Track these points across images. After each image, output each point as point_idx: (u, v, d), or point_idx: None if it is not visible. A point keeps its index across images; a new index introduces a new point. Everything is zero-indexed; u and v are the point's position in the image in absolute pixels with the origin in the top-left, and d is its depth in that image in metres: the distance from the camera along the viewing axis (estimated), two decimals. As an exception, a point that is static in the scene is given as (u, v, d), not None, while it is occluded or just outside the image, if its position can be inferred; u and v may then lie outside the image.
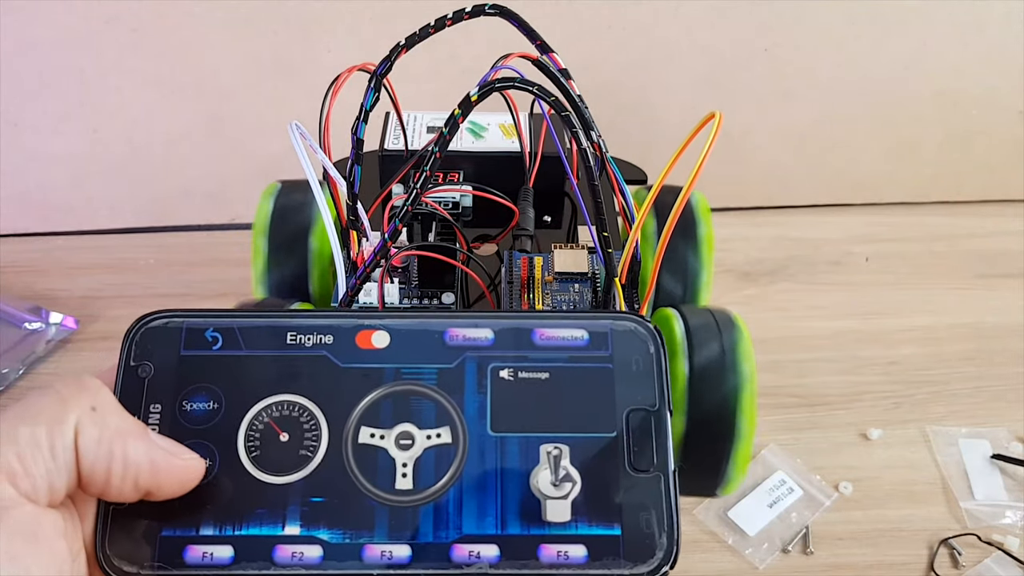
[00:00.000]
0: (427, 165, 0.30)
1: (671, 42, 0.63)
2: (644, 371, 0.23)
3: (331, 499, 0.22)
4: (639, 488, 0.22)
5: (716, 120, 0.29)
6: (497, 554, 0.22)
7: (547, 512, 0.22)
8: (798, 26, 0.63)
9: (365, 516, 0.22)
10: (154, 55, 0.61)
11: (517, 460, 0.23)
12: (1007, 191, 0.72)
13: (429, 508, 0.22)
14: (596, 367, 0.23)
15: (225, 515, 0.22)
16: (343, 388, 0.23)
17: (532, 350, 0.24)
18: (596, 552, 0.22)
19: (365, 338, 0.24)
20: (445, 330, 0.24)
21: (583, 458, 0.22)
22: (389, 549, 0.22)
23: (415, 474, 0.23)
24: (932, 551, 0.47)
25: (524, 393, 0.23)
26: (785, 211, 0.72)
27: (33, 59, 0.60)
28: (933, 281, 0.65)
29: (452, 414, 0.23)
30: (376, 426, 0.23)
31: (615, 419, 0.23)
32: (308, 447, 0.23)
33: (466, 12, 0.32)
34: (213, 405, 0.23)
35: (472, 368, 0.23)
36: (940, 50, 0.65)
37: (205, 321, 0.24)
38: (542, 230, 0.46)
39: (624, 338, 0.24)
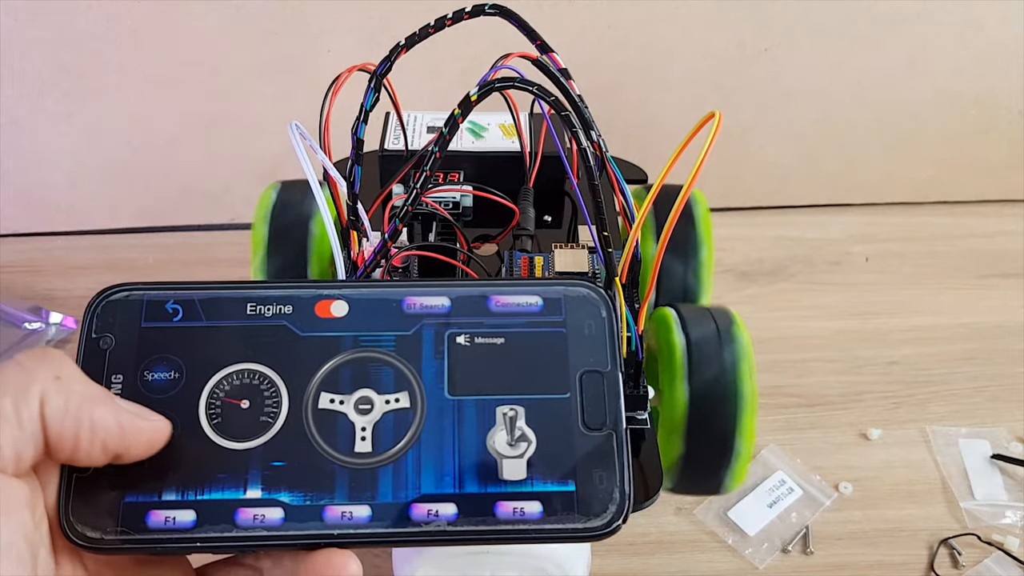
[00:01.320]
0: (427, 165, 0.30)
1: (671, 42, 0.63)
2: (596, 335, 0.24)
3: (292, 463, 0.23)
4: (592, 446, 0.23)
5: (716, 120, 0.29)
6: (455, 512, 0.23)
7: (503, 471, 0.23)
8: (798, 26, 0.63)
9: (325, 479, 0.23)
10: (154, 55, 0.61)
11: (474, 422, 0.23)
12: (1007, 191, 0.72)
13: (388, 469, 0.23)
14: (550, 331, 0.24)
15: (187, 481, 0.23)
16: (303, 356, 0.24)
17: (488, 316, 0.24)
18: (551, 508, 0.22)
19: (324, 307, 0.24)
20: (403, 298, 0.24)
21: (538, 419, 0.23)
22: (349, 510, 0.22)
23: (374, 437, 0.23)
24: (932, 551, 0.47)
25: (480, 358, 0.24)
26: (785, 211, 0.72)
27: (33, 59, 0.60)
28: (933, 281, 0.65)
29: (410, 379, 0.24)
30: (336, 392, 0.23)
31: (569, 381, 0.24)
32: (269, 414, 0.23)
33: (466, 12, 0.32)
34: (174, 375, 0.23)
35: (429, 335, 0.24)
36: (940, 50, 0.65)
37: (165, 293, 0.24)
38: (542, 230, 0.46)
39: (577, 303, 0.24)
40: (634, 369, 0.35)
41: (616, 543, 0.47)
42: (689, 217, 0.46)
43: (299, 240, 0.45)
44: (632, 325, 0.34)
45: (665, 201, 0.35)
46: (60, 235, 0.69)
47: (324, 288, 0.24)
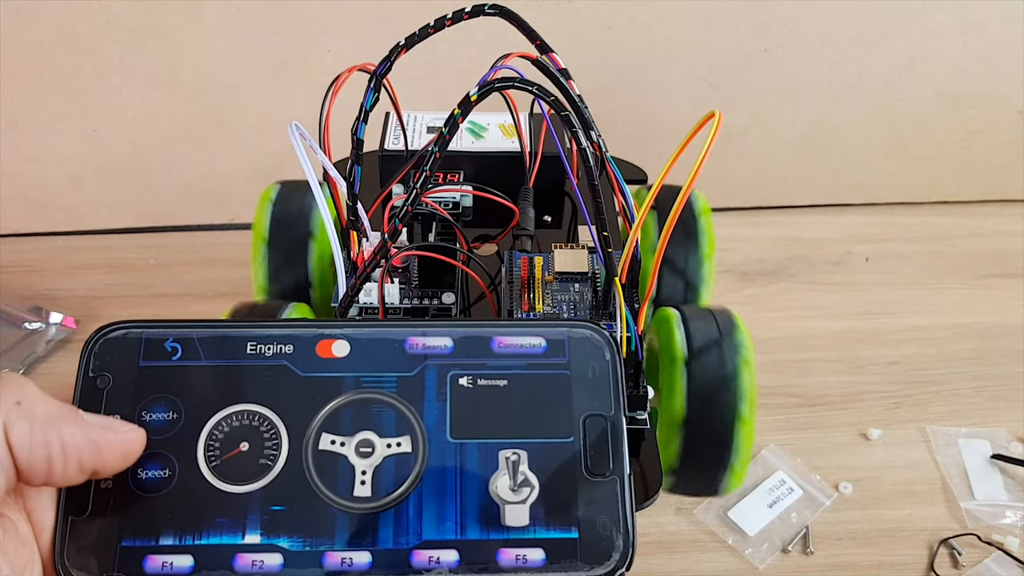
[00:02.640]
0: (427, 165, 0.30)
1: (671, 42, 0.63)
2: (600, 378, 0.24)
3: (291, 507, 0.22)
4: (596, 492, 0.23)
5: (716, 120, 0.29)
6: (457, 559, 0.22)
7: (506, 517, 0.22)
8: (798, 26, 0.63)
9: (325, 523, 0.22)
10: (154, 55, 0.61)
11: (476, 466, 0.23)
12: (1007, 191, 0.72)
13: (389, 515, 0.23)
14: (553, 374, 0.24)
15: (185, 524, 0.22)
16: (303, 397, 0.23)
17: (491, 357, 0.24)
18: (554, 555, 0.22)
19: (325, 347, 0.24)
20: (405, 339, 0.24)
21: (541, 463, 0.23)
22: (349, 556, 0.22)
23: (375, 481, 0.23)
24: (932, 551, 0.47)
25: (483, 400, 0.23)
26: (785, 211, 0.72)
27: (33, 59, 0.60)
28: (933, 281, 0.65)
29: (412, 421, 0.23)
30: (337, 433, 0.23)
31: (572, 425, 0.23)
32: (268, 456, 0.23)
33: (466, 12, 0.32)
34: (172, 415, 0.23)
35: (432, 376, 0.24)
36: (940, 50, 0.65)
37: (164, 332, 0.24)
38: (542, 230, 0.46)
39: (580, 345, 0.24)
40: (634, 369, 0.35)
41: (616, 543, 0.47)
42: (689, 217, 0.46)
43: (299, 240, 0.45)
44: (632, 325, 0.34)
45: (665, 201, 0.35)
46: (60, 235, 0.69)
47: (325, 328, 0.24)
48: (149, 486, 0.23)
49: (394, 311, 0.40)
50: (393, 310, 0.40)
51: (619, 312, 0.34)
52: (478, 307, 0.42)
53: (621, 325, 0.34)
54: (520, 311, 0.37)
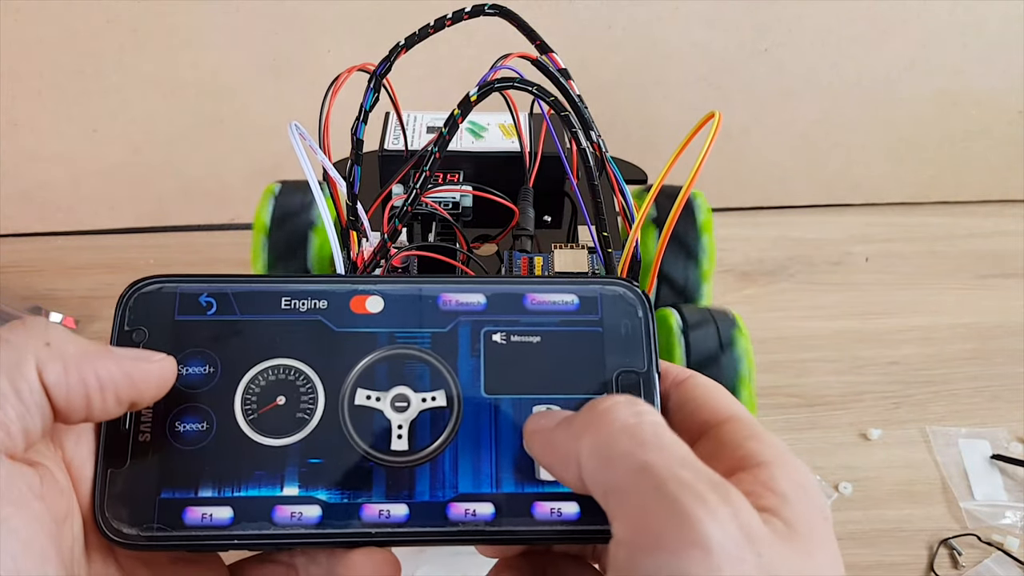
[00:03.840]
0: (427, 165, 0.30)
1: (671, 42, 0.63)
2: (633, 334, 0.24)
3: (329, 460, 0.23)
4: None
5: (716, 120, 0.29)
6: (492, 512, 0.22)
7: (541, 471, 0.23)
8: (798, 26, 0.63)
9: (362, 477, 0.23)
10: (154, 55, 0.61)
11: (511, 421, 0.23)
12: (1007, 191, 0.72)
13: (425, 468, 0.23)
14: (586, 330, 0.24)
15: (224, 477, 0.22)
16: (338, 352, 0.23)
17: (524, 314, 0.24)
18: (588, 509, 0.22)
19: (359, 303, 0.24)
20: (439, 295, 0.24)
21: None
22: (387, 508, 0.22)
23: (411, 435, 0.23)
24: (932, 551, 0.47)
25: (516, 356, 0.24)
26: (785, 211, 0.72)
27: (33, 59, 0.60)
28: (933, 281, 0.65)
29: (447, 377, 0.23)
30: (372, 389, 0.23)
31: (605, 381, 0.23)
32: (305, 410, 0.23)
33: (466, 12, 0.32)
34: (209, 369, 0.23)
35: (465, 332, 0.24)
36: (940, 50, 0.65)
37: (199, 287, 0.24)
38: (542, 230, 0.46)
39: (613, 302, 0.24)
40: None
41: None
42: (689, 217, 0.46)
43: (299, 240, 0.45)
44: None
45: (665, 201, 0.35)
46: (60, 235, 0.69)
47: (360, 283, 0.24)
48: (187, 439, 0.23)
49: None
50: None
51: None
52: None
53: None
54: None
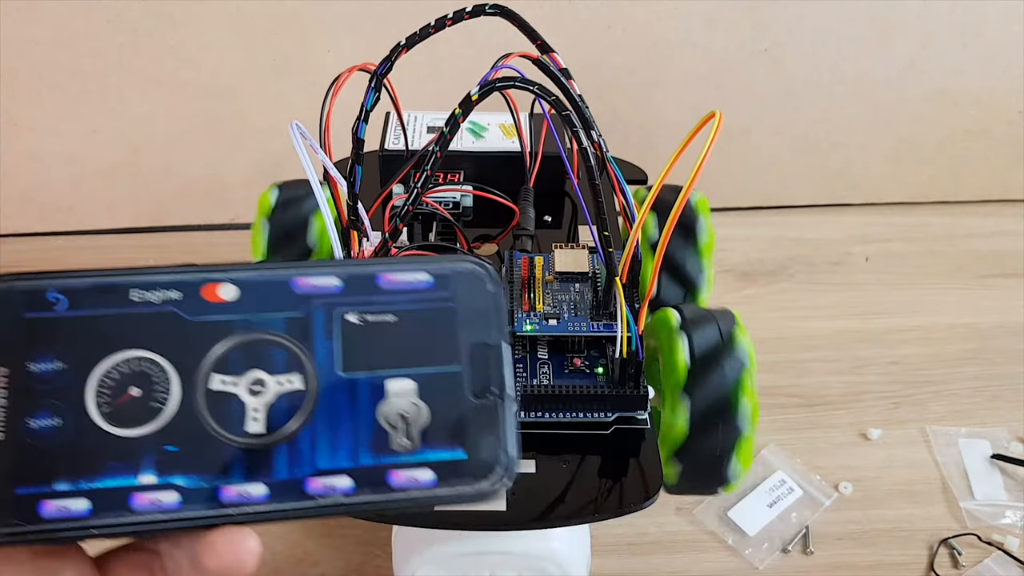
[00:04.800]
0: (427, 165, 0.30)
1: (671, 42, 0.63)
2: (484, 308, 0.25)
3: (185, 447, 0.23)
4: (480, 414, 0.24)
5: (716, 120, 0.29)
6: (351, 484, 0.23)
7: (396, 442, 0.23)
8: (798, 26, 0.63)
9: (220, 460, 0.23)
10: (154, 55, 0.61)
11: (366, 397, 0.24)
12: (1007, 191, 0.72)
13: (283, 448, 0.23)
14: (439, 307, 0.25)
15: (79, 470, 0.23)
16: (192, 340, 0.24)
17: (378, 294, 0.25)
18: (443, 474, 0.23)
19: (211, 291, 0.24)
20: (292, 279, 0.24)
21: (429, 391, 0.24)
22: (246, 489, 0.23)
23: (268, 418, 0.23)
24: (932, 551, 0.47)
25: (371, 335, 0.24)
26: (785, 211, 0.72)
27: (33, 59, 0.60)
28: (933, 281, 0.65)
29: (302, 359, 0.24)
30: (227, 374, 0.24)
31: (458, 353, 0.24)
32: (159, 399, 0.23)
33: (466, 12, 0.32)
34: (60, 365, 0.23)
35: (320, 315, 0.24)
36: (940, 50, 0.65)
37: (46, 283, 0.24)
38: (542, 230, 0.46)
39: (464, 279, 0.25)
40: (634, 369, 0.35)
41: (616, 543, 0.47)
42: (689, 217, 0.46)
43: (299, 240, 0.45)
44: (632, 325, 0.34)
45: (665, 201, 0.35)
46: (60, 235, 0.69)
47: (211, 272, 0.24)
48: (40, 435, 0.23)
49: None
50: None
51: (619, 312, 0.34)
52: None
53: (622, 325, 0.34)
54: (520, 311, 0.37)
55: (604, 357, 0.37)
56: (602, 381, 0.36)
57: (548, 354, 0.37)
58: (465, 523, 0.33)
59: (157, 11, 0.59)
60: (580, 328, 0.36)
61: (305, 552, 0.46)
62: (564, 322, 0.36)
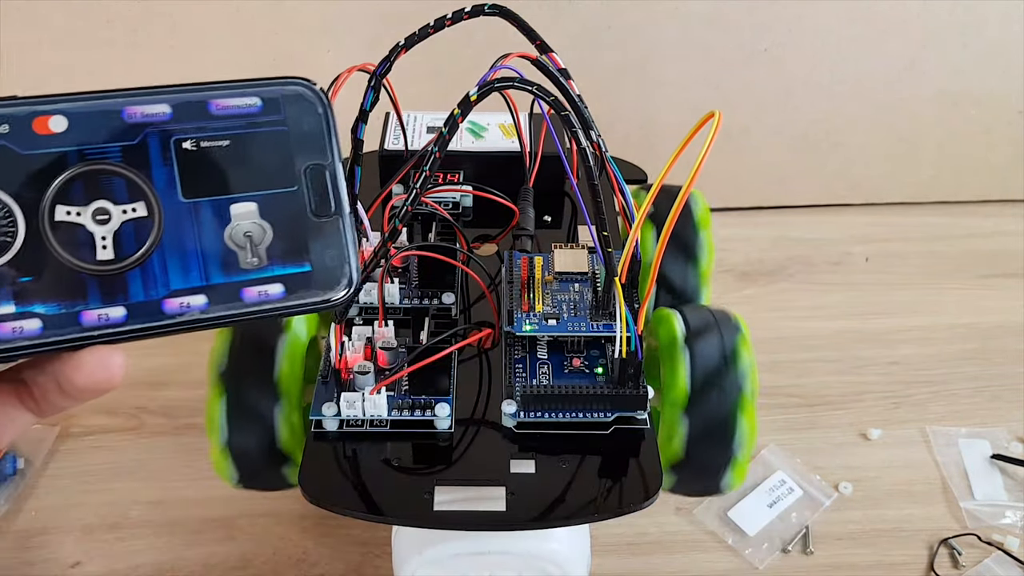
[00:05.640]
0: (427, 165, 0.30)
1: (671, 42, 0.63)
2: (316, 131, 0.26)
3: (40, 277, 0.24)
4: (322, 231, 0.25)
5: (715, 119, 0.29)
6: (205, 302, 0.24)
7: (244, 260, 0.25)
8: (798, 26, 0.63)
9: (76, 288, 0.24)
10: (154, 55, 0.61)
11: (211, 220, 0.25)
12: (1007, 191, 0.72)
13: (136, 273, 0.24)
14: (272, 131, 0.26)
15: None
16: (30, 174, 0.24)
17: (210, 120, 0.26)
18: (292, 287, 0.25)
19: (42, 124, 0.24)
20: (122, 108, 0.25)
21: (270, 211, 0.25)
22: (105, 312, 0.24)
23: (116, 245, 0.24)
24: (932, 551, 0.47)
25: (208, 160, 0.25)
26: (785, 211, 0.72)
27: (33, 59, 0.60)
28: (933, 281, 0.65)
29: (142, 187, 0.25)
30: (70, 204, 0.24)
31: (295, 175, 0.26)
32: (6, 233, 0.24)
33: (466, 12, 0.32)
34: None
35: (155, 142, 0.25)
36: (940, 50, 0.65)
37: None
38: (542, 230, 0.46)
39: (294, 102, 0.26)
40: (634, 369, 0.35)
41: (616, 543, 0.47)
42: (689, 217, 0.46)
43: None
44: (632, 325, 0.34)
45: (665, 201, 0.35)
46: None
47: (39, 104, 0.24)
48: None
49: (394, 311, 0.40)
50: (393, 310, 0.40)
51: (619, 312, 0.34)
52: (479, 307, 0.42)
53: (621, 325, 0.34)
54: (520, 311, 0.37)
55: (604, 357, 0.37)
56: (602, 381, 0.36)
57: (548, 354, 0.37)
58: (465, 523, 0.33)
59: (157, 11, 0.59)
60: (580, 328, 0.36)
61: (304, 552, 0.46)
62: (564, 322, 0.36)
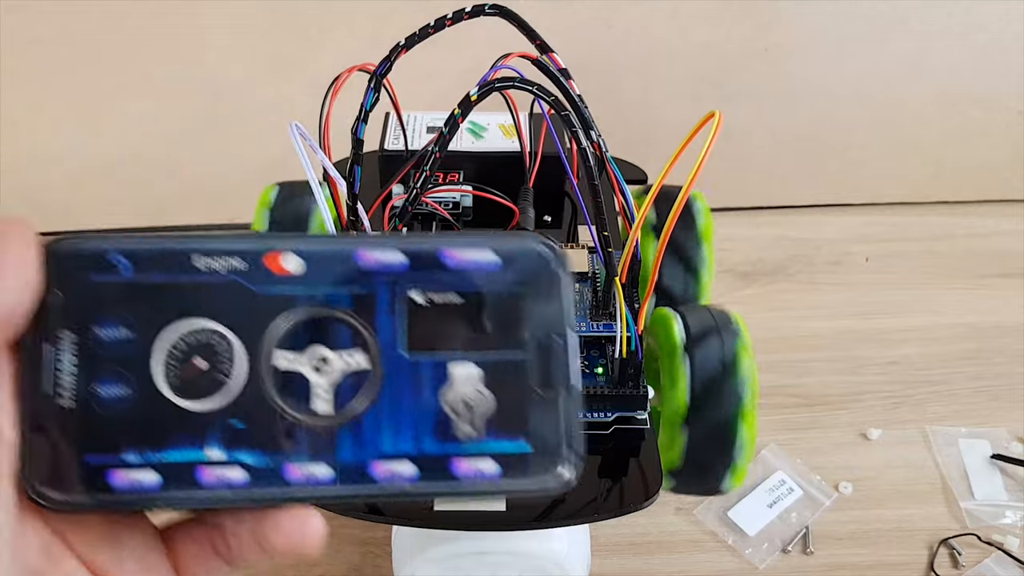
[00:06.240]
0: (427, 165, 0.30)
1: (671, 42, 0.63)
2: (551, 295, 0.24)
3: (251, 423, 0.23)
4: (546, 406, 0.23)
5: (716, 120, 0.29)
6: (415, 472, 0.23)
7: (459, 429, 0.23)
8: (798, 26, 0.63)
9: (285, 438, 0.23)
10: (154, 55, 0.61)
11: (431, 381, 0.23)
12: (1007, 191, 0.72)
13: (347, 429, 0.23)
14: (505, 290, 0.24)
15: (146, 441, 0.22)
16: (257, 313, 0.23)
17: (443, 273, 0.24)
18: (507, 467, 0.23)
19: (276, 262, 0.23)
20: (357, 253, 0.24)
21: (493, 378, 0.23)
22: (311, 469, 0.23)
23: (333, 396, 0.23)
24: (932, 551, 0.47)
25: (436, 315, 0.24)
26: (785, 211, 0.72)
27: (33, 59, 0.60)
28: (933, 281, 0.65)
29: (366, 337, 0.23)
30: (292, 350, 0.23)
31: (523, 340, 0.24)
32: (225, 372, 0.23)
33: (466, 12, 0.32)
34: (126, 332, 0.23)
35: (384, 291, 0.24)
36: (940, 50, 0.65)
37: (114, 245, 0.23)
38: (542, 230, 0.46)
39: (531, 260, 0.24)
40: (634, 369, 0.35)
41: (616, 543, 0.47)
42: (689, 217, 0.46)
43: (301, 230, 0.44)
44: (632, 325, 0.34)
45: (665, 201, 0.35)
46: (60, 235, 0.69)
47: (276, 241, 0.24)
48: (108, 403, 0.23)
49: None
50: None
51: (619, 312, 0.34)
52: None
53: (621, 325, 0.34)
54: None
55: (604, 357, 0.37)
56: (602, 381, 0.36)
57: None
58: (465, 523, 0.33)
59: (157, 11, 0.59)
60: (579, 328, 0.36)
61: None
62: (564, 322, 0.36)
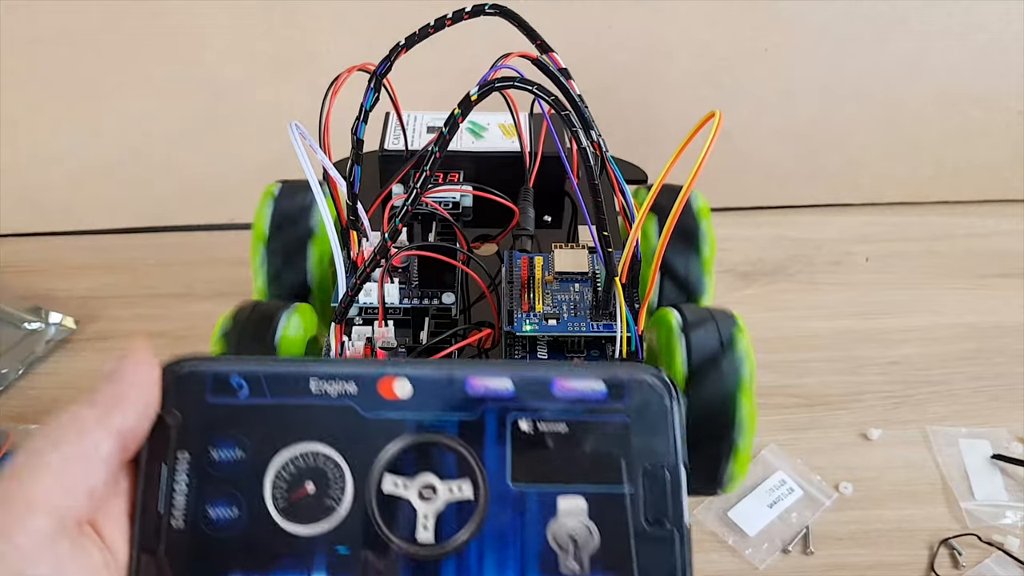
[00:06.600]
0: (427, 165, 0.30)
1: (671, 42, 0.63)
2: (660, 424, 0.24)
3: (356, 550, 0.23)
4: (654, 544, 0.23)
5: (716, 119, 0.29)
6: None
7: (565, 566, 0.22)
8: (798, 26, 0.63)
9: (389, 568, 0.22)
10: (154, 55, 0.61)
11: (536, 513, 0.23)
12: (1007, 191, 0.72)
13: (451, 561, 0.23)
14: (613, 419, 0.24)
15: (253, 564, 0.22)
16: (367, 438, 0.23)
17: (551, 401, 0.24)
18: None
19: (388, 387, 0.24)
20: (466, 380, 0.24)
21: (600, 511, 0.23)
22: None
23: (437, 526, 0.23)
24: (932, 551, 0.47)
25: (543, 445, 0.23)
26: (785, 211, 0.72)
27: (33, 59, 0.60)
28: (933, 281, 0.65)
29: (473, 465, 0.23)
30: (400, 475, 0.23)
31: (632, 473, 0.23)
32: (333, 497, 0.23)
33: (466, 12, 0.32)
34: (240, 454, 0.23)
35: (492, 419, 0.24)
36: (940, 50, 0.65)
37: (231, 368, 0.24)
38: (542, 230, 0.46)
39: (640, 390, 0.24)
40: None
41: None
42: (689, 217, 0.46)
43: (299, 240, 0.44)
44: (632, 325, 0.34)
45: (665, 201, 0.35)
46: (60, 235, 0.69)
47: (388, 366, 0.24)
48: (218, 524, 0.23)
49: (394, 311, 0.40)
50: (393, 310, 0.40)
51: (619, 312, 0.34)
52: (479, 307, 0.42)
53: (621, 325, 0.34)
54: (520, 311, 0.37)
55: (604, 357, 0.37)
56: (602, 381, 0.36)
57: (548, 354, 0.37)
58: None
59: (157, 11, 0.59)
60: (580, 328, 0.36)
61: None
62: (564, 322, 0.36)
